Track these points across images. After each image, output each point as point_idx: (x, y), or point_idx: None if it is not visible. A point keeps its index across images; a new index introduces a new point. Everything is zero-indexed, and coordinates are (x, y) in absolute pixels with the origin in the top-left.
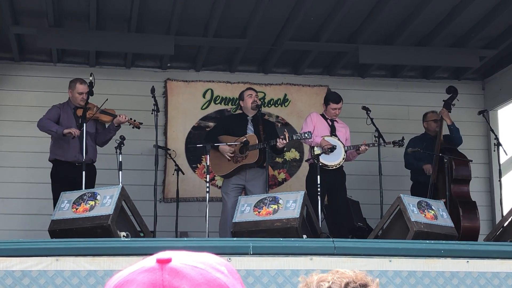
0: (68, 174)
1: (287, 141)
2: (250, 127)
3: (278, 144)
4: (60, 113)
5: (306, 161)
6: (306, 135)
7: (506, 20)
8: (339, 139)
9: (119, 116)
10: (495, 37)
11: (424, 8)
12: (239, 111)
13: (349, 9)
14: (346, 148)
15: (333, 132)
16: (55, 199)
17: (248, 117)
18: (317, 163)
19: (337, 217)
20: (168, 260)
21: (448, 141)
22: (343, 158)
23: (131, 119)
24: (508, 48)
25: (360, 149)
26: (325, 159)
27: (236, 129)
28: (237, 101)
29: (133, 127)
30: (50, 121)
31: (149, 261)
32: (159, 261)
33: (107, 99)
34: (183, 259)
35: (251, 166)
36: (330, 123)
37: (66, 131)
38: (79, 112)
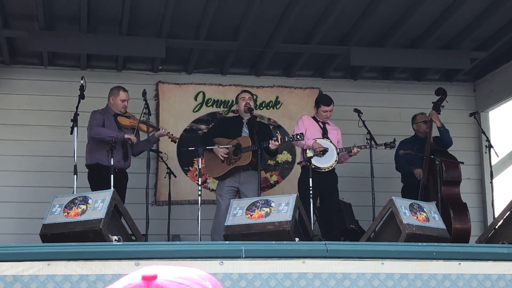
0: (108, 179)
1: (280, 142)
2: (245, 129)
3: (270, 145)
4: (104, 118)
5: (298, 163)
6: (298, 136)
7: (497, 21)
8: (331, 141)
9: (161, 129)
10: (486, 39)
11: (416, 10)
12: (231, 113)
13: (341, 11)
14: (338, 150)
15: (325, 135)
16: None
17: (243, 120)
18: (309, 166)
19: (329, 219)
20: (154, 277)
21: (438, 143)
22: (336, 160)
23: (169, 132)
24: (499, 49)
25: (352, 151)
26: (317, 162)
27: (231, 132)
28: (229, 104)
29: (171, 141)
30: (103, 128)
31: (135, 277)
32: (145, 278)
33: (144, 90)
34: (168, 275)
35: (244, 168)
36: (322, 126)
37: (126, 136)
38: (120, 119)
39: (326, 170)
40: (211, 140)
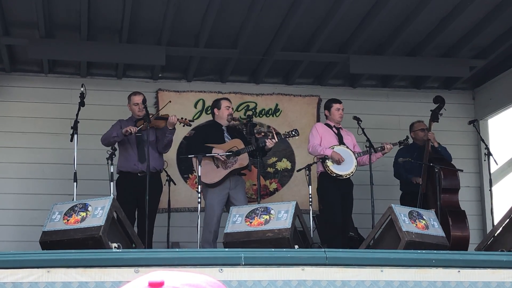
0: (130, 185)
1: (276, 140)
2: (227, 135)
3: (267, 144)
4: (121, 126)
5: (297, 171)
6: (293, 133)
7: (495, 30)
8: (347, 147)
9: (170, 117)
10: (485, 47)
11: (415, 18)
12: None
13: (340, 20)
14: (356, 155)
15: (341, 141)
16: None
17: (222, 126)
18: (326, 173)
19: (343, 226)
20: (161, 284)
21: (436, 151)
22: (355, 166)
23: (181, 118)
24: (498, 58)
25: (386, 147)
26: (337, 169)
27: (213, 138)
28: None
29: (183, 126)
30: (110, 131)
31: (141, 283)
32: (151, 285)
33: (169, 101)
34: (175, 281)
35: (234, 172)
36: (336, 131)
37: (123, 130)
38: (138, 123)
39: (347, 177)
40: (202, 146)
